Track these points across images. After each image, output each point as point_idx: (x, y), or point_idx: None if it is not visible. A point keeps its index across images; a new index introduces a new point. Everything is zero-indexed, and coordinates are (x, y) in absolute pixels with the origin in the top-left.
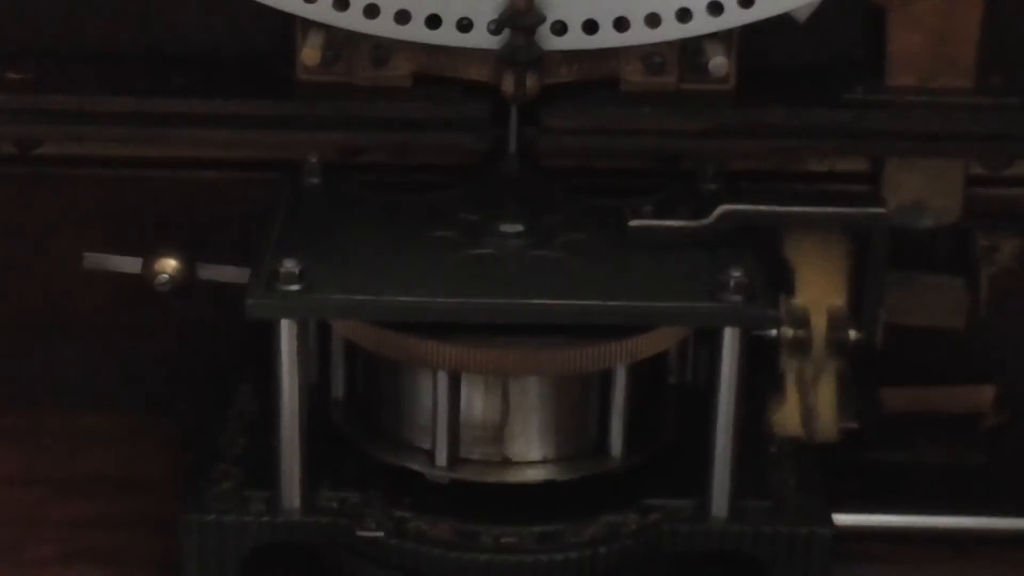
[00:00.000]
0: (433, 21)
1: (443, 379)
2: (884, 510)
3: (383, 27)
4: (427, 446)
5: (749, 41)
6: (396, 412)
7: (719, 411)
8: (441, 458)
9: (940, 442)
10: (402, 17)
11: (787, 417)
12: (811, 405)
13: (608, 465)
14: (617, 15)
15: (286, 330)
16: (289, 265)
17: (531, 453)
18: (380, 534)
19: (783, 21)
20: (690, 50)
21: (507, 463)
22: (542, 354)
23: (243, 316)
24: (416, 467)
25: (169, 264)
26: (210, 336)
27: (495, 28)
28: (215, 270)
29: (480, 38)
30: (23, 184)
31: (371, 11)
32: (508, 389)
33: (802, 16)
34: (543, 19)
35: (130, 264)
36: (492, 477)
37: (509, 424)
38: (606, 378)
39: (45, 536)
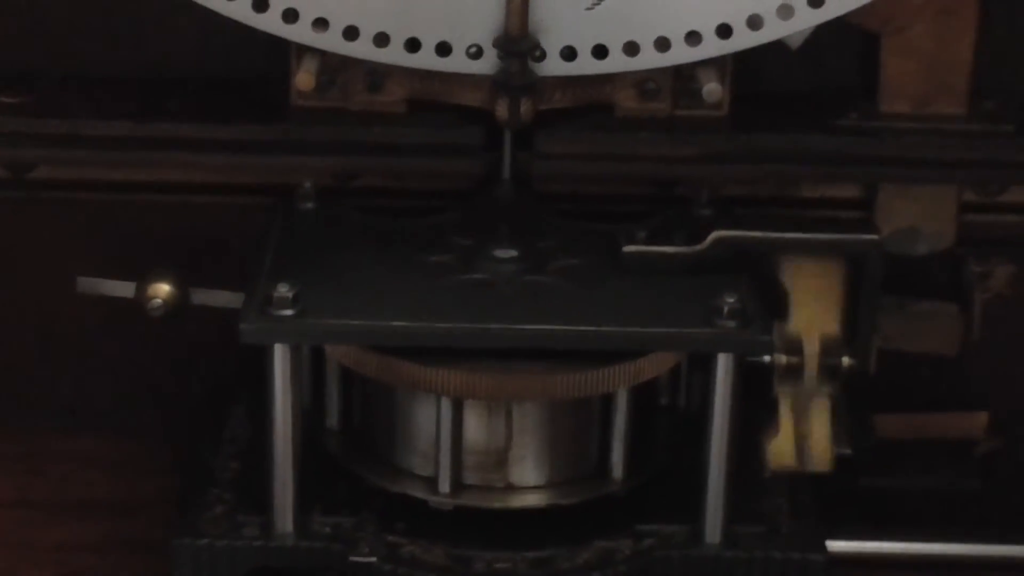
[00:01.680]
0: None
1: (447, 405)
2: (877, 536)
3: (366, 50)
4: (425, 472)
5: (743, 67)
6: (394, 438)
7: (713, 437)
8: (444, 485)
9: (933, 468)
10: (382, 40)
11: (781, 445)
12: (804, 432)
13: (608, 489)
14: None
15: (280, 355)
16: (283, 290)
17: (531, 479)
18: (373, 559)
19: (777, 47)
20: (684, 76)
21: (508, 489)
22: (548, 379)
23: (237, 341)
24: (419, 494)
25: (162, 289)
26: (203, 361)
27: (498, 52)
28: (209, 295)
29: (475, 64)
30: (16, 208)
31: (351, 33)
32: (511, 414)
33: (796, 42)
34: (537, 45)
35: (123, 288)
36: (493, 503)
37: (512, 449)
38: (605, 401)
39: (37, 560)
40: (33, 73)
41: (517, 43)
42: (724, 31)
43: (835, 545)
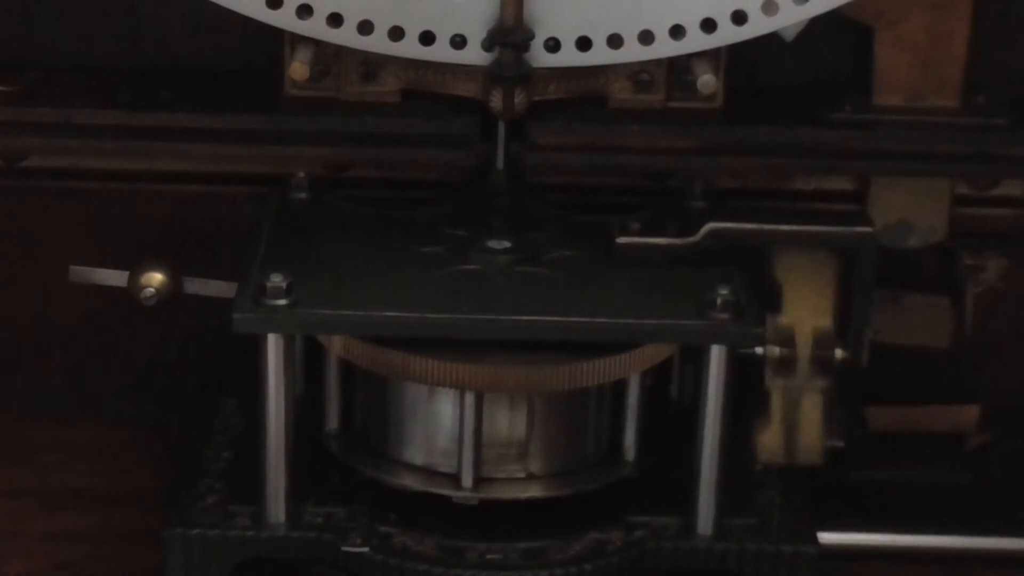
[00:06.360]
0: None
1: (470, 400)
2: (869, 529)
3: (360, 40)
4: (443, 468)
5: (737, 59)
6: (401, 433)
7: (705, 429)
8: (467, 480)
9: (925, 461)
10: (396, 34)
11: (772, 438)
12: (796, 424)
13: (623, 472)
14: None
15: (272, 344)
16: (276, 280)
17: (551, 468)
18: (365, 549)
19: (771, 40)
20: (678, 68)
21: (529, 479)
22: (572, 368)
23: (229, 330)
24: (442, 491)
25: (155, 278)
26: (196, 350)
27: (487, 45)
28: (201, 284)
29: (469, 54)
30: (9, 196)
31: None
32: (533, 406)
33: (790, 35)
34: (532, 36)
35: (116, 277)
36: (517, 495)
37: (533, 440)
38: (615, 386)
39: (29, 549)
40: (26, 62)
41: (512, 34)
42: (739, 17)
43: (826, 537)
